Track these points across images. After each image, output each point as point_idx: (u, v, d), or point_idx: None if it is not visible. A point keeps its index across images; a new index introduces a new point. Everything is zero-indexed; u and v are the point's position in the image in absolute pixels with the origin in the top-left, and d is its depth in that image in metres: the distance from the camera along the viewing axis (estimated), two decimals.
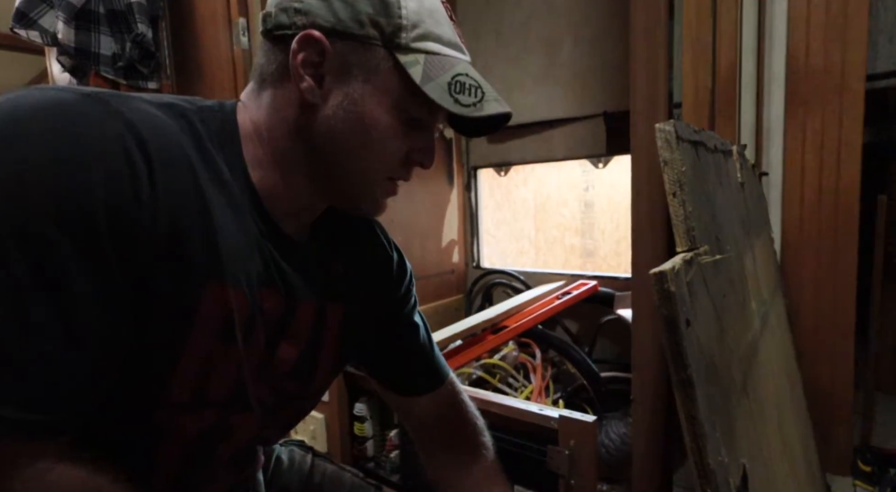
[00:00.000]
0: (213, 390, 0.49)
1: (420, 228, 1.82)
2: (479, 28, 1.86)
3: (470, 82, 0.50)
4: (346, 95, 0.49)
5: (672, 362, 0.41)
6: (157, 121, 0.44)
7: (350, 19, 0.47)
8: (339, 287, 0.61)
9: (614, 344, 1.59)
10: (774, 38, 1.10)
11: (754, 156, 1.08)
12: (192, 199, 0.44)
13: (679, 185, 0.48)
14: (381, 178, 0.53)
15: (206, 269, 0.45)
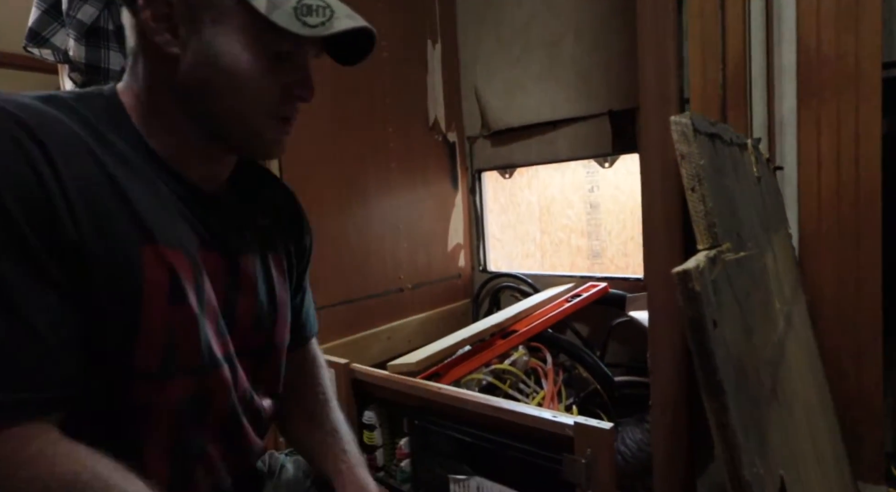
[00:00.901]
0: (181, 353, 0.51)
1: (425, 234, 1.80)
2: (479, 30, 1.84)
3: (318, 4, 0.50)
4: (201, 41, 0.50)
5: (700, 366, 0.38)
6: (45, 113, 0.45)
7: None
8: (270, 237, 0.65)
9: (627, 347, 1.55)
10: (783, 29, 1.07)
11: (767, 150, 1.05)
12: (100, 178, 0.46)
13: (698, 179, 0.46)
14: (260, 117, 0.53)
15: (136, 237, 0.48)
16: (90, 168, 0.46)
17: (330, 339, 1.47)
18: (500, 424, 0.95)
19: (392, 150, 1.66)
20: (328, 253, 1.48)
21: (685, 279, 0.38)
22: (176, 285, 0.50)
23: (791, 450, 0.51)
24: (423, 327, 1.76)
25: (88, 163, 0.46)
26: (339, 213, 1.51)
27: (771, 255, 0.69)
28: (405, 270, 1.72)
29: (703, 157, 0.46)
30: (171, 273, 0.49)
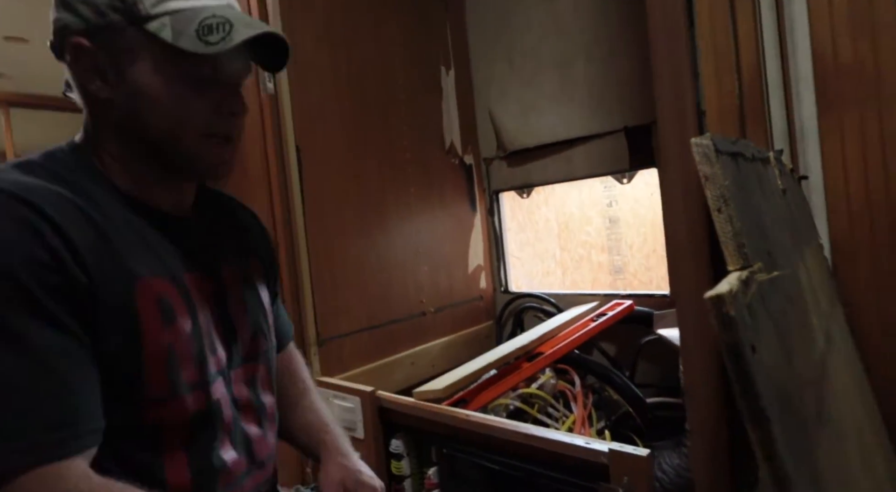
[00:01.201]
0: (184, 372, 0.55)
1: (445, 256, 1.80)
2: (491, 55, 1.87)
3: (217, 21, 0.54)
4: (125, 81, 0.55)
5: (741, 395, 0.37)
6: (36, 186, 0.50)
7: (94, 15, 0.53)
8: (244, 251, 0.71)
9: (657, 366, 1.52)
10: (797, 39, 1.06)
11: (790, 160, 1.03)
12: (89, 230, 0.51)
13: (723, 200, 0.45)
14: (193, 138, 0.57)
15: (126, 274, 0.52)
16: (81, 223, 0.50)
17: (354, 366, 1.47)
18: (532, 451, 0.93)
19: (410, 175, 1.68)
20: (351, 280, 1.49)
21: (719, 304, 0.37)
22: (166, 310, 0.54)
23: (842, 475, 0.49)
24: (447, 351, 1.74)
25: (79, 219, 0.51)
26: (361, 240, 1.52)
27: (804, 269, 0.67)
28: (427, 293, 1.72)
29: (727, 177, 0.45)
30: (159, 300, 0.54)
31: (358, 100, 1.53)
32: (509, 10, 1.79)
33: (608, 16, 1.55)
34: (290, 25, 1.35)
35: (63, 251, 0.48)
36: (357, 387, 1.26)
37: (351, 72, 1.51)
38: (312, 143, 1.40)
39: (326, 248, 1.42)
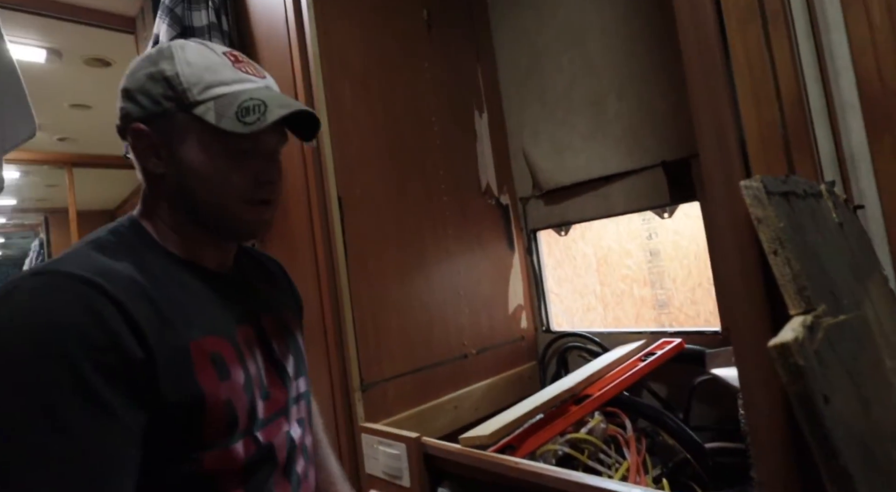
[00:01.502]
0: (239, 421, 0.60)
1: (485, 297, 1.79)
2: (523, 97, 1.90)
3: (254, 103, 0.61)
4: (178, 157, 0.63)
5: (817, 450, 0.35)
6: (107, 268, 0.55)
7: (150, 104, 0.62)
8: (278, 300, 0.79)
9: (712, 409, 1.45)
10: (838, 65, 1.04)
11: (842, 190, 0.99)
12: (149, 305, 0.56)
13: (779, 242, 0.44)
14: (238, 205, 0.64)
15: (182, 339, 0.57)
16: (141, 299, 0.56)
17: (397, 411, 1.46)
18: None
19: (448, 217, 1.69)
20: (393, 325, 1.49)
21: (784, 353, 0.36)
22: (221, 367, 0.60)
23: None
24: (490, 394, 1.71)
25: (140, 295, 0.56)
26: (402, 284, 1.53)
27: (870, 305, 0.63)
28: (468, 335, 1.70)
29: (781, 218, 0.44)
30: (213, 358, 0.59)
31: (395, 148, 1.58)
32: (540, 55, 1.83)
33: (638, 53, 1.57)
34: (330, 83, 1.42)
35: (122, 331, 0.52)
36: (402, 433, 1.24)
37: (388, 122, 1.57)
38: (353, 192, 1.44)
39: (368, 293, 1.44)
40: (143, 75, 0.63)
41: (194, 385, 0.56)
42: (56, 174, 4.85)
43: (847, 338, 0.46)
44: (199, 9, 1.63)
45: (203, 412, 0.56)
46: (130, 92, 0.64)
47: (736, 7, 0.97)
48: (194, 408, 0.56)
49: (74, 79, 3.08)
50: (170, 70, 0.62)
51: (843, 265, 0.59)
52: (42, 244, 6.20)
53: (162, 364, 0.54)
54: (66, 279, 0.52)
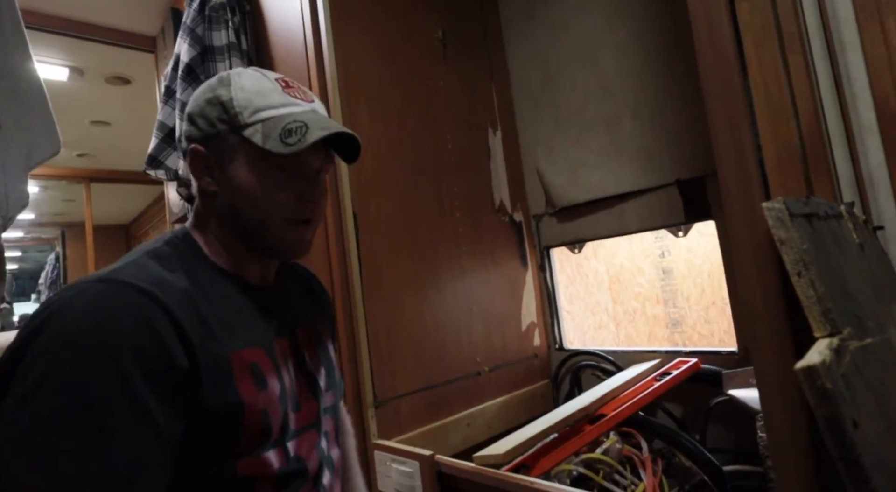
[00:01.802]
0: (273, 430, 0.62)
1: (498, 314, 1.79)
2: (537, 115, 1.92)
3: (296, 126, 0.65)
4: (228, 176, 0.67)
5: (847, 475, 0.34)
6: (161, 278, 0.59)
7: (207, 127, 0.67)
8: (314, 312, 0.82)
9: (730, 430, 1.42)
10: (856, 88, 1.04)
11: (862, 210, 0.99)
12: (195, 315, 0.59)
13: (803, 264, 0.44)
14: (280, 222, 0.67)
15: (224, 349, 0.60)
16: (189, 310, 0.59)
17: (410, 428, 1.45)
18: None
19: (461, 234, 1.70)
20: (407, 341, 1.50)
21: (812, 376, 0.36)
22: (259, 377, 0.62)
23: None
24: (503, 412, 1.70)
25: (189, 306, 0.59)
26: (416, 300, 1.54)
27: (894, 329, 0.63)
28: (481, 352, 1.70)
29: (805, 240, 0.44)
30: (252, 369, 0.62)
31: (410, 165, 1.59)
32: (553, 73, 1.85)
33: (653, 72, 1.58)
34: (346, 101, 1.45)
35: (172, 340, 0.55)
36: (415, 451, 1.24)
37: (403, 140, 1.59)
38: (368, 208, 1.45)
39: (382, 309, 1.44)
40: (203, 100, 0.68)
41: (234, 393, 0.59)
42: (74, 189, 4.94)
43: (873, 362, 0.46)
44: (220, 28, 1.67)
45: (241, 420, 0.59)
46: (191, 116, 0.69)
47: (752, 28, 0.98)
48: (233, 415, 0.58)
49: (95, 96, 3.16)
50: (225, 95, 0.67)
51: (866, 287, 0.59)
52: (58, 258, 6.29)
53: (205, 372, 0.57)
54: (124, 288, 0.56)
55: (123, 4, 2.26)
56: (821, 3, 1.08)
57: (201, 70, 1.65)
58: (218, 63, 1.65)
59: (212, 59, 1.66)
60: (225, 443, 0.58)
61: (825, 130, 1.05)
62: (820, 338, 0.41)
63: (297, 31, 1.53)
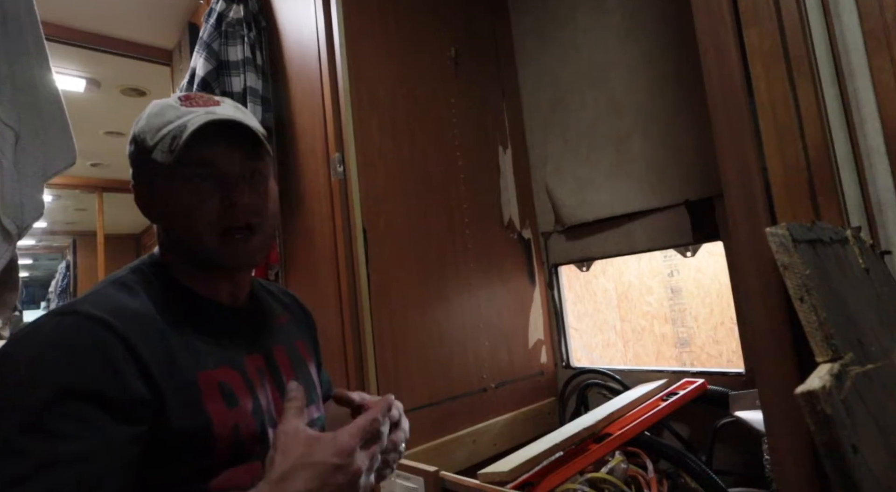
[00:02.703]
0: (245, 445, 0.62)
1: (505, 331, 1.79)
2: (546, 134, 1.94)
3: (177, 130, 0.63)
4: (155, 202, 0.68)
5: None
6: (122, 307, 0.59)
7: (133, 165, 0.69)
8: (291, 330, 0.81)
9: (737, 452, 1.41)
10: (864, 112, 1.05)
11: (869, 235, 0.99)
12: (161, 341, 0.59)
13: (805, 289, 0.45)
14: (210, 236, 0.65)
15: (191, 371, 0.60)
16: (155, 336, 0.59)
17: (415, 443, 1.45)
18: None
19: (470, 250, 1.72)
20: (413, 356, 1.50)
21: (812, 401, 0.36)
22: (228, 395, 0.62)
23: None
24: (508, 429, 1.70)
25: (150, 332, 0.59)
26: (423, 316, 1.55)
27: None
28: (487, 369, 1.70)
29: (808, 266, 0.45)
30: (221, 387, 0.62)
31: (420, 181, 1.61)
32: (564, 92, 1.88)
33: (663, 93, 1.60)
34: (358, 117, 1.48)
35: (127, 368, 0.55)
36: (420, 467, 1.24)
37: (414, 156, 1.61)
38: (378, 224, 1.47)
39: (390, 324, 1.45)
40: (130, 141, 0.70)
41: (202, 413, 0.59)
42: (86, 198, 5.02)
43: (876, 387, 0.47)
44: (235, 44, 1.71)
45: (211, 437, 0.59)
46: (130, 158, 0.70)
47: (760, 52, 0.99)
48: (202, 434, 0.59)
49: (110, 107, 3.22)
50: (135, 129, 0.68)
51: (869, 312, 0.60)
52: (68, 266, 6.36)
53: (169, 396, 0.57)
54: (80, 319, 0.56)
55: (141, 18, 2.32)
56: (829, 29, 1.10)
57: (216, 84, 1.69)
58: (233, 78, 1.69)
59: (227, 74, 1.70)
60: (198, 460, 0.59)
61: (833, 153, 1.05)
62: (822, 363, 0.42)
63: (311, 48, 1.56)
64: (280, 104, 1.71)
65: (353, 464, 0.53)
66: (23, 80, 1.24)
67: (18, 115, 1.21)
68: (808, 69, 1.08)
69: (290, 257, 1.67)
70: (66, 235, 6.32)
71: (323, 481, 0.51)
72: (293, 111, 1.66)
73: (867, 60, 1.07)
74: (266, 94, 1.68)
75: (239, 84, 1.67)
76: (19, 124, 1.22)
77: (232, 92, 1.67)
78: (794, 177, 1.02)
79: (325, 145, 1.48)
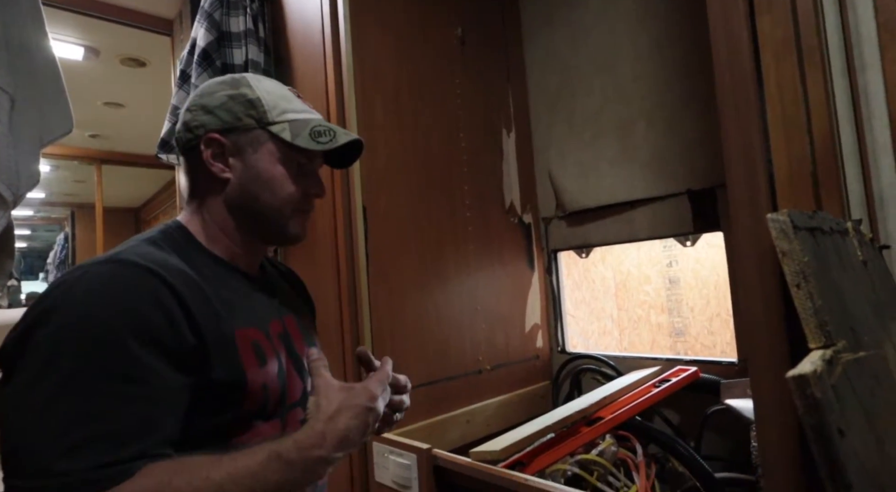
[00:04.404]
0: (270, 403, 0.68)
1: (503, 314, 1.80)
2: (551, 119, 1.92)
3: (324, 128, 0.74)
4: (245, 164, 0.72)
5: (829, 481, 0.36)
6: (165, 261, 0.63)
7: (232, 119, 0.72)
8: (295, 301, 0.88)
9: (725, 438, 1.43)
10: (873, 107, 1.04)
11: (869, 229, 0.99)
12: (201, 294, 0.63)
13: (803, 276, 0.45)
14: (288, 211, 0.74)
15: (228, 327, 0.65)
16: (195, 289, 0.63)
17: (410, 422, 1.47)
18: None
19: (470, 233, 1.72)
20: (410, 335, 1.51)
21: (802, 385, 0.37)
22: (259, 353, 0.67)
23: None
24: (502, 410, 1.72)
25: (194, 286, 0.63)
26: (421, 296, 1.56)
27: (890, 345, 0.64)
28: (483, 351, 1.71)
29: (806, 253, 0.46)
30: (254, 346, 0.67)
31: (422, 162, 1.61)
32: (571, 76, 1.86)
33: (671, 81, 1.58)
34: (362, 95, 1.46)
35: (179, 316, 0.59)
36: (413, 444, 1.26)
37: (417, 136, 1.60)
38: (378, 203, 1.47)
39: (388, 304, 1.46)
40: (224, 96, 0.73)
41: (239, 368, 0.63)
42: (85, 170, 4.98)
43: (865, 375, 0.47)
44: (238, 15, 1.68)
45: (244, 392, 0.64)
46: (209, 107, 0.73)
47: (772, 40, 0.98)
48: (237, 388, 0.63)
49: (109, 77, 3.18)
50: (251, 94, 0.73)
51: (865, 303, 0.60)
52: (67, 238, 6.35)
53: (212, 348, 0.61)
54: (131, 268, 0.59)
55: None
56: (844, 19, 1.09)
57: (217, 55, 1.67)
58: (234, 49, 1.67)
59: (228, 45, 1.68)
60: (224, 417, 0.63)
61: (838, 146, 1.05)
62: (814, 349, 0.42)
63: (315, 21, 1.54)
64: (282, 78, 1.69)
65: (379, 407, 0.65)
66: (18, 44, 1.22)
67: (13, 80, 1.19)
68: (819, 60, 1.07)
69: None
70: (65, 207, 6.29)
71: (360, 420, 0.62)
72: (295, 86, 1.65)
73: (880, 53, 1.06)
74: (268, 67, 1.66)
75: (240, 56, 1.65)
76: (14, 89, 1.19)
77: (233, 64, 1.65)
78: (798, 167, 1.02)
79: (328, 118, 1.47)
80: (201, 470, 0.54)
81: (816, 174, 1.02)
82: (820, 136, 1.04)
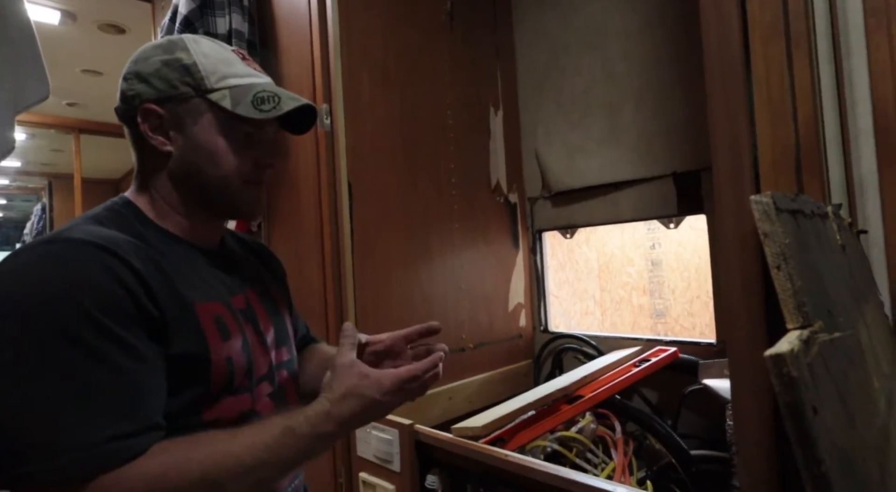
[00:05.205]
0: (237, 377, 0.66)
1: (487, 293, 1.81)
2: (539, 98, 1.91)
3: (268, 94, 0.69)
4: (186, 136, 0.68)
5: (801, 456, 0.37)
6: (116, 237, 0.60)
7: (167, 88, 0.67)
8: (262, 274, 0.85)
9: (702, 417, 1.47)
10: (856, 93, 1.05)
11: (848, 213, 1.01)
12: (156, 269, 0.61)
13: (783, 257, 0.46)
14: (238, 184, 0.70)
15: (189, 302, 0.62)
16: (149, 263, 0.60)
17: None
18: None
19: (455, 211, 1.71)
20: (394, 312, 1.51)
21: (779, 364, 0.38)
22: (222, 328, 0.66)
23: None
24: (484, 388, 1.74)
25: (147, 261, 0.60)
26: (405, 273, 1.55)
27: (864, 327, 0.65)
28: (467, 329, 1.73)
29: (788, 235, 0.46)
30: (216, 320, 0.65)
31: (408, 138, 1.59)
32: (559, 55, 1.84)
33: (660, 62, 1.58)
34: (348, 69, 1.43)
35: (139, 291, 0.57)
36: (395, 419, 1.27)
37: (404, 111, 1.58)
38: (363, 179, 1.45)
39: (373, 280, 1.46)
40: (158, 61, 0.68)
41: (202, 340, 0.62)
42: (63, 139, 4.84)
43: (839, 355, 0.48)
44: None
45: (209, 367, 0.62)
46: (143, 75, 0.68)
47: (761, 23, 0.98)
48: (201, 361, 0.61)
49: (87, 44, 3.07)
50: (187, 59, 0.67)
51: (841, 286, 0.61)
52: (44, 209, 6.21)
53: (171, 320, 0.59)
54: (81, 245, 0.56)
55: None
56: (831, 3, 1.09)
57: (200, 24, 1.61)
58: (217, 17, 1.62)
59: (211, 13, 1.63)
60: (191, 392, 0.61)
61: (822, 131, 1.06)
62: (792, 329, 0.43)
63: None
64: (266, 50, 1.65)
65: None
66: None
67: None
68: (806, 45, 1.07)
69: (273, 208, 1.65)
70: (42, 177, 6.13)
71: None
72: (280, 59, 1.61)
73: (865, 39, 1.07)
74: (252, 37, 1.61)
75: (224, 25, 1.60)
76: None
77: (216, 33, 1.60)
78: (781, 151, 1.02)
79: (313, 96, 1.44)
80: (219, 444, 0.56)
81: (800, 158, 1.03)
82: (804, 120, 1.05)
